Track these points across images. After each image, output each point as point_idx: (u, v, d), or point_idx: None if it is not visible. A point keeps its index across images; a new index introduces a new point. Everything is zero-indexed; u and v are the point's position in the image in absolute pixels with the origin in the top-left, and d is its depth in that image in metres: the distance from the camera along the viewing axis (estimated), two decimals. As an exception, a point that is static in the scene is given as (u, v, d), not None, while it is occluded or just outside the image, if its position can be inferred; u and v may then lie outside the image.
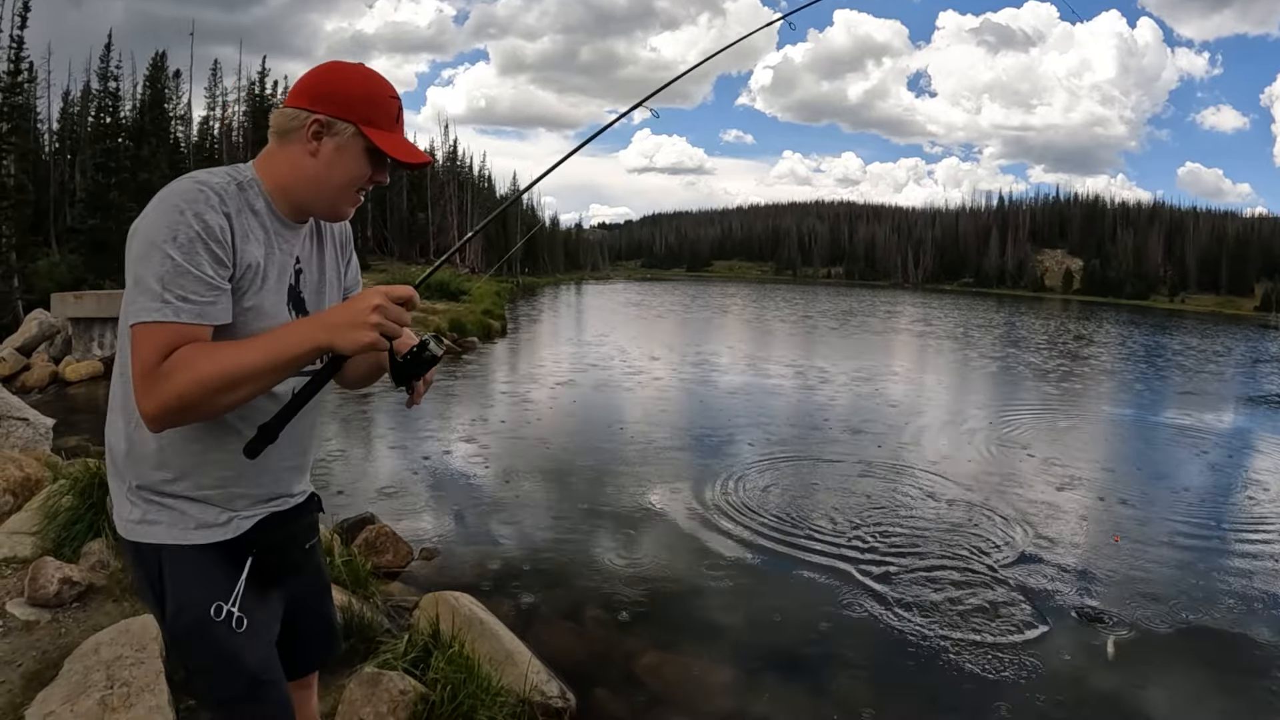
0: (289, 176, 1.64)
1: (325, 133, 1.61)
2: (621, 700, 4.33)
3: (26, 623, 3.65)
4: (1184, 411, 14.91)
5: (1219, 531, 7.52)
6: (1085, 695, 4.55)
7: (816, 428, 11.98)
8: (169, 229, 1.45)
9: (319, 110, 1.60)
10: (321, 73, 1.66)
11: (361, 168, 1.66)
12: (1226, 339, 39.43)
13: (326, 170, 1.63)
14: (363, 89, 1.63)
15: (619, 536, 6.93)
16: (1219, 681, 4.83)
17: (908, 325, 37.88)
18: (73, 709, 2.93)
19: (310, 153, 1.62)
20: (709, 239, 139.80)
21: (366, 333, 1.51)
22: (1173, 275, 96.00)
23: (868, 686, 4.67)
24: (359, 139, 1.62)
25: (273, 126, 1.66)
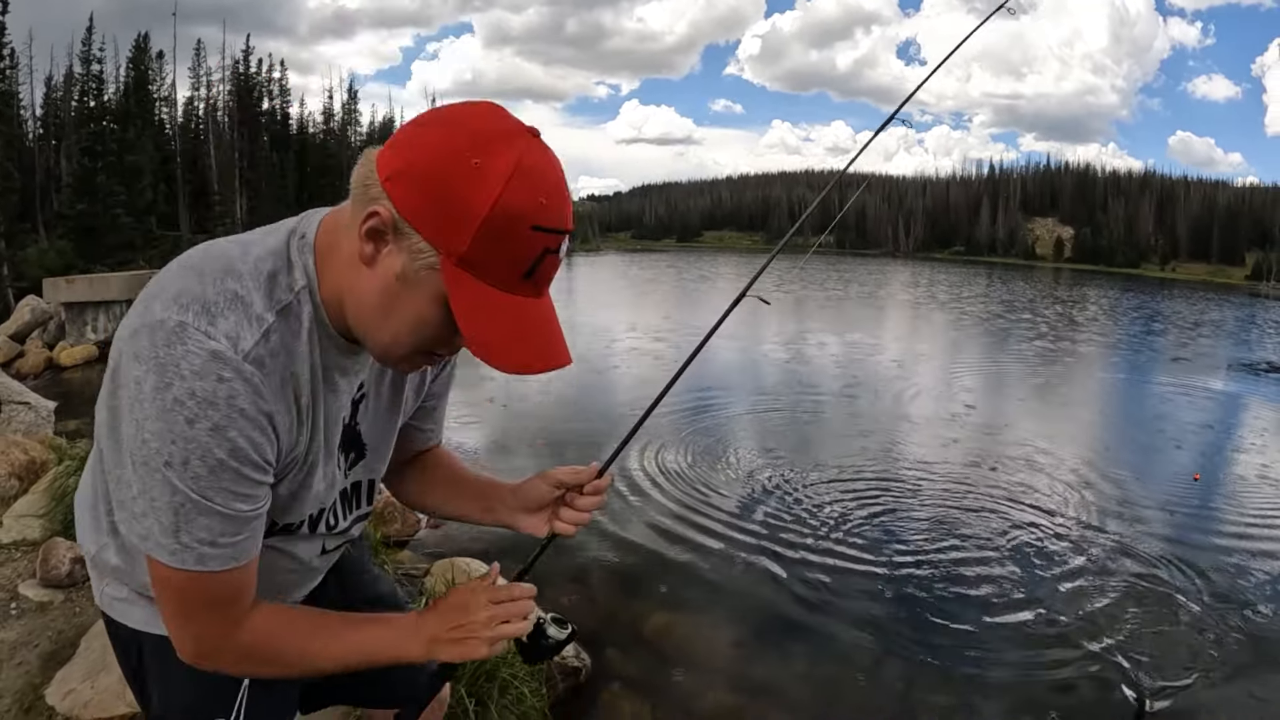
0: (338, 282, 1.06)
1: (390, 240, 0.98)
2: (633, 660, 4.43)
3: (40, 604, 3.67)
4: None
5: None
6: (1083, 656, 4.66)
7: (814, 389, 12.04)
8: (179, 449, 0.95)
9: (393, 196, 0.95)
10: (438, 150, 0.95)
11: (431, 320, 1.02)
12: (1229, 308, 39.73)
13: (380, 295, 1.01)
14: (487, 207, 0.92)
15: (621, 501, 7.01)
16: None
17: (904, 293, 37.99)
18: (93, 685, 2.96)
19: (365, 259, 1.00)
20: (699, 210, 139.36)
21: (478, 649, 1.20)
22: (1164, 244, 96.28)
23: (873, 641, 4.79)
24: (436, 277, 0.97)
25: (354, 181, 1.03)
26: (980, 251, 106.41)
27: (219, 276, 0.99)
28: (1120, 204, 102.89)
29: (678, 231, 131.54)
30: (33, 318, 14.66)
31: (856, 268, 58.91)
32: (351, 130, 55.36)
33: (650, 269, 49.88)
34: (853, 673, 4.47)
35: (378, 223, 0.96)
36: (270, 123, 46.31)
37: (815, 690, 4.31)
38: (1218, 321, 28.35)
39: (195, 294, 0.97)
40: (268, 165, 42.15)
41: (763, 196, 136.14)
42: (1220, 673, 4.50)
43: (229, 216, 38.55)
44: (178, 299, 0.97)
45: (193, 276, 0.99)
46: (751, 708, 4.09)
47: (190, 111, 43.23)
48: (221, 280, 0.99)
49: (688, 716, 3.99)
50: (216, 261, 1.01)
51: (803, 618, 5.07)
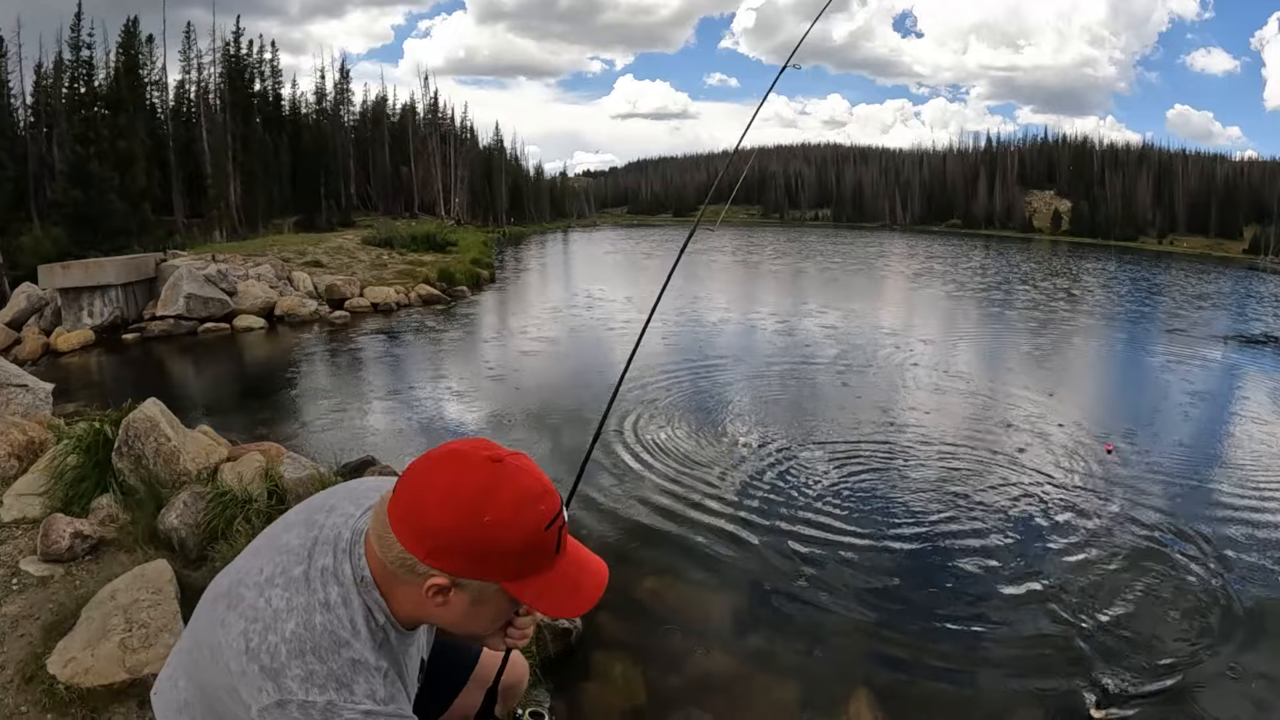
0: (415, 610, 1.30)
1: (453, 590, 1.24)
2: (625, 623, 4.53)
3: (41, 578, 3.71)
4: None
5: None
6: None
7: (809, 361, 12.07)
8: None
9: (441, 568, 1.22)
10: (453, 525, 1.19)
11: (507, 613, 1.35)
12: (1227, 281, 39.69)
13: (462, 620, 1.30)
14: (515, 544, 1.21)
15: (612, 471, 7.10)
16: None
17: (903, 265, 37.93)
18: (93, 653, 3.03)
19: (436, 604, 1.26)
20: (695, 184, 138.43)
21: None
22: (1161, 217, 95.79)
23: (864, 603, 4.89)
24: (505, 592, 1.26)
25: (374, 539, 1.28)
26: (978, 224, 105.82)
27: (334, 651, 1.22)
28: (1118, 177, 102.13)
29: (674, 206, 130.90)
30: (29, 304, 14.65)
31: (854, 241, 58.63)
32: (345, 110, 54.90)
33: (645, 243, 49.68)
34: (844, 634, 4.57)
35: (439, 588, 1.22)
36: (263, 104, 45.80)
37: (807, 652, 4.40)
38: (1216, 294, 28.31)
39: (322, 672, 1.20)
40: (261, 147, 41.71)
41: (758, 170, 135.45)
42: (1205, 639, 4.62)
43: (223, 199, 38.34)
44: (310, 680, 1.19)
45: (312, 657, 1.21)
46: (742, 669, 4.18)
47: (182, 95, 42.91)
48: (338, 653, 1.22)
49: (679, 678, 4.07)
50: (323, 640, 1.23)
51: (795, 582, 5.16)
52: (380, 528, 1.25)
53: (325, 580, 1.28)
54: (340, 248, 23.56)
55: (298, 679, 1.19)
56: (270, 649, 1.22)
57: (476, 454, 1.23)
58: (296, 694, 1.19)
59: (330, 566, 1.29)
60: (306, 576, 1.29)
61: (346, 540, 1.32)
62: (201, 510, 4.12)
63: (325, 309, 17.07)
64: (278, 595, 1.27)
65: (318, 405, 9.81)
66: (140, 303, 15.34)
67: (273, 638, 1.23)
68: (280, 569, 1.31)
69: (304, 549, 1.33)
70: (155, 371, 12.01)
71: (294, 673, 1.20)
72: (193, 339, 14.41)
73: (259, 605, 1.27)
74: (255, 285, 16.34)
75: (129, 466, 4.52)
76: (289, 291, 17.17)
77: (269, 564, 1.33)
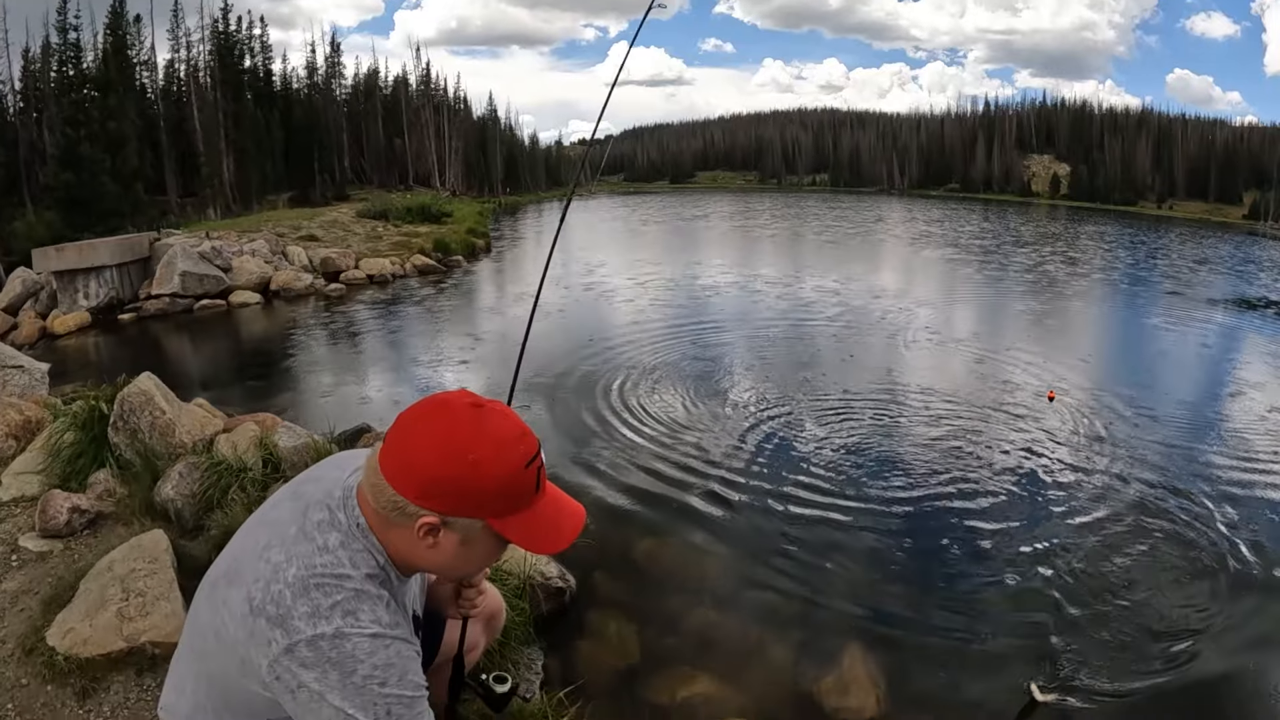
0: (409, 554, 1.38)
1: (443, 529, 1.32)
2: (621, 583, 4.57)
3: (40, 554, 3.73)
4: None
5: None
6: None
7: (805, 324, 12.04)
8: (382, 707, 1.28)
9: (431, 507, 1.30)
10: (441, 466, 1.28)
11: (497, 550, 1.42)
12: (1226, 246, 39.61)
13: (452, 561, 1.38)
14: (498, 481, 1.30)
15: (608, 435, 7.13)
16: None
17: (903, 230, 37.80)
18: (91, 624, 3.05)
19: (427, 546, 1.34)
20: (691, 151, 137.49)
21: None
22: (1161, 182, 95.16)
23: (858, 561, 4.95)
24: (490, 529, 1.34)
25: (367, 487, 1.36)
26: (976, 189, 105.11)
27: (333, 582, 1.29)
28: (1117, 141, 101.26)
29: (670, 173, 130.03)
30: (24, 289, 14.62)
31: (852, 206, 58.35)
32: (336, 84, 54.42)
33: (641, 210, 49.50)
34: (839, 592, 4.61)
35: (430, 527, 1.31)
36: (253, 81, 45.43)
37: (802, 609, 4.44)
38: (1216, 259, 28.20)
39: (327, 604, 1.27)
40: (253, 124, 41.41)
41: (755, 136, 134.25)
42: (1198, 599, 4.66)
43: (216, 177, 38.10)
44: (316, 614, 1.26)
45: (316, 593, 1.27)
46: (738, 627, 4.23)
47: (171, 75, 42.47)
48: (341, 585, 1.29)
49: (674, 636, 4.11)
50: (329, 576, 1.30)
51: (790, 541, 5.19)
52: (373, 476, 1.33)
53: (322, 530, 1.35)
54: (335, 221, 23.45)
55: (304, 616, 1.25)
56: (274, 597, 1.27)
57: (459, 401, 1.33)
58: (304, 631, 1.24)
59: (326, 519, 1.36)
60: (302, 531, 1.35)
61: (338, 496, 1.39)
62: (197, 481, 4.13)
63: (321, 282, 17.02)
64: (276, 553, 1.32)
65: (313, 376, 9.84)
66: (135, 283, 15.28)
67: (275, 587, 1.28)
68: (275, 535, 1.36)
69: (296, 514, 1.39)
70: (152, 350, 11.99)
71: (299, 611, 1.25)
72: (189, 317, 14.38)
73: (258, 568, 1.31)
74: (250, 261, 16.28)
75: (125, 441, 4.53)
76: (284, 266, 17.10)
77: (263, 536, 1.38)
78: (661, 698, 3.61)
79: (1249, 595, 4.54)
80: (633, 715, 3.49)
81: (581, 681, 3.47)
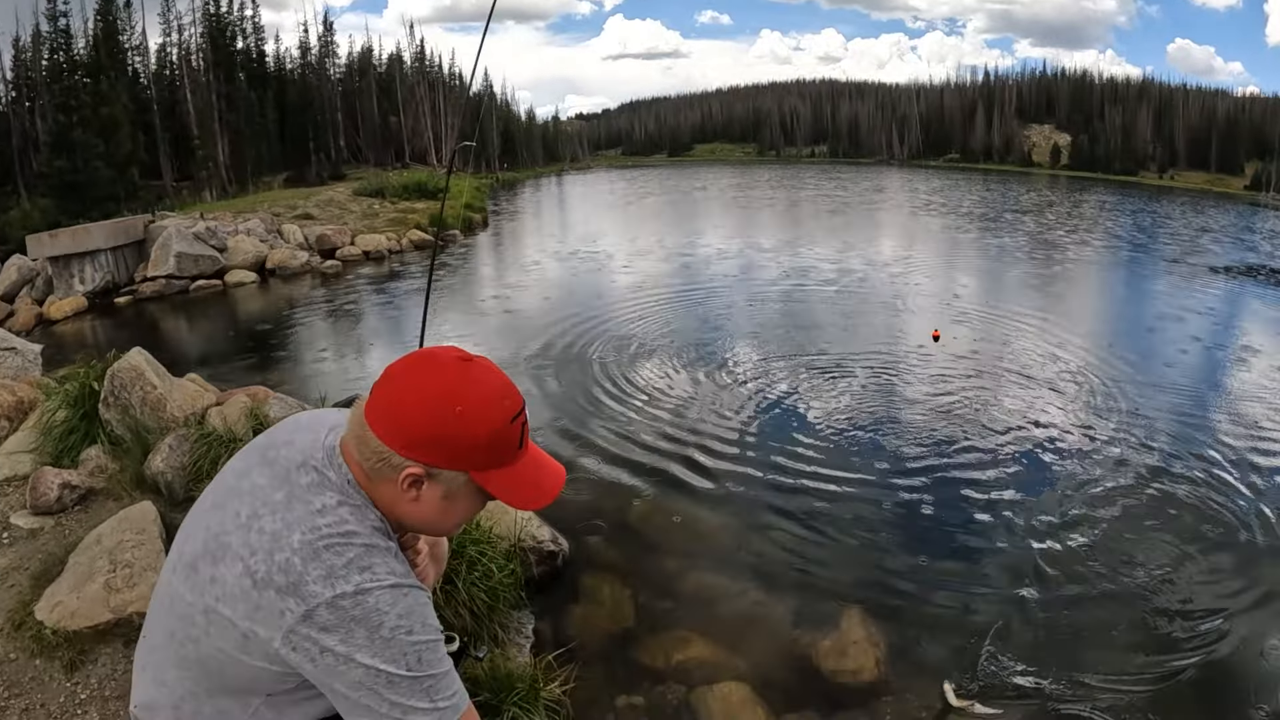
0: (393, 509, 1.36)
1: (426, 482, 1.31)
2: (615, 546, 4.55)
3: (31, 530, 3.72)
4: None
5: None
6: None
7: (803, 291, 11.94)
8: (412, 656, 1.26)
9: (416, 458, 1.29)
10: (427, 417, 1.28)
11: (478, 505, 1.41)
12: (1227, 216, 39.39)
13: (435, 515, 1.37)
14: (483, 434, 1.29)
15: (603, 401, 7.12)
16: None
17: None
18: (78, 596, 3.04)
19: (410, 499, 1.33)
20: (689, 124, 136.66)
21: None
22: (1162, 152, 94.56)
23: (857, 521, 4.95)
24: (473, 484, 1.34)
25: (351, 441, 1.34)
26: (976, 159, 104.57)
27: (342, 541, 1.27)
28: (1118, 111, 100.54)
29: (668, 146, 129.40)
30: (19, 276, 14.53)
31: (853, 176, 58.08)
32: (330, 63, 54.02)
33: (638, 183, 49.29)
34: (837, 555, 4.59)
35: (414, 479, 1.29)
36: (246, 62, 45.17)
37: (799, 572, 4.42)
38: (1218, 229, 27.98)
39: (341, 563, 1.24)
40: (246, 105, 41.21)
41: (753, 108, 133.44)
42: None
43: (211, 160, 37.93)
44: (332, 574, 1.23)
45: (327, 555, 1.25)
46: (734, 590, 4.20)
47: (163, 59, 42.21)
48: (350, 543, 1.27)
49: (670, 599, 4.09)
50: (336, 535, 1.27)
51: (787, 504, 5.18)
52: (358, 428, 1.32)
53: (313, 491, 1.32)
54: (331, 200, 23.32)
55: (319, 579, 1.23)
56: (281, 566, 1.24)
57: (447, 355, 1.32)
58: (323, 594, 1.22)
59: (316, 479, 1.33)
60: (292, 495, 1.31)
61: (321, 457, 1.36)
62: (186, 453, 4.11)
63: (317, 259, 16.95)
64: (268, 522, 1.28)
65: (308, 351, 9.83)
66: (131, 265, 15.21)
67: (280, 555, 1.24)
68: (260, 503, 1.31)
69: (278, 479, 1.34)
70: (149, 331, 11.94)
71: (314, 575, 1.23)
72: (185, 297, 14.31)
73: (251, 540, 1.27)
74: (245, 240, 16.19)
75: (116, 417, 4.51)
76: (279, 244, 17.01)
77: (244, 507, 1.33)
78: (656, 661, 3.59)
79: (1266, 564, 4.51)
80: (626, 679, 3.46)
81: (573, 644, 3.46)
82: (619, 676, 3.46)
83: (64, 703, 2.70)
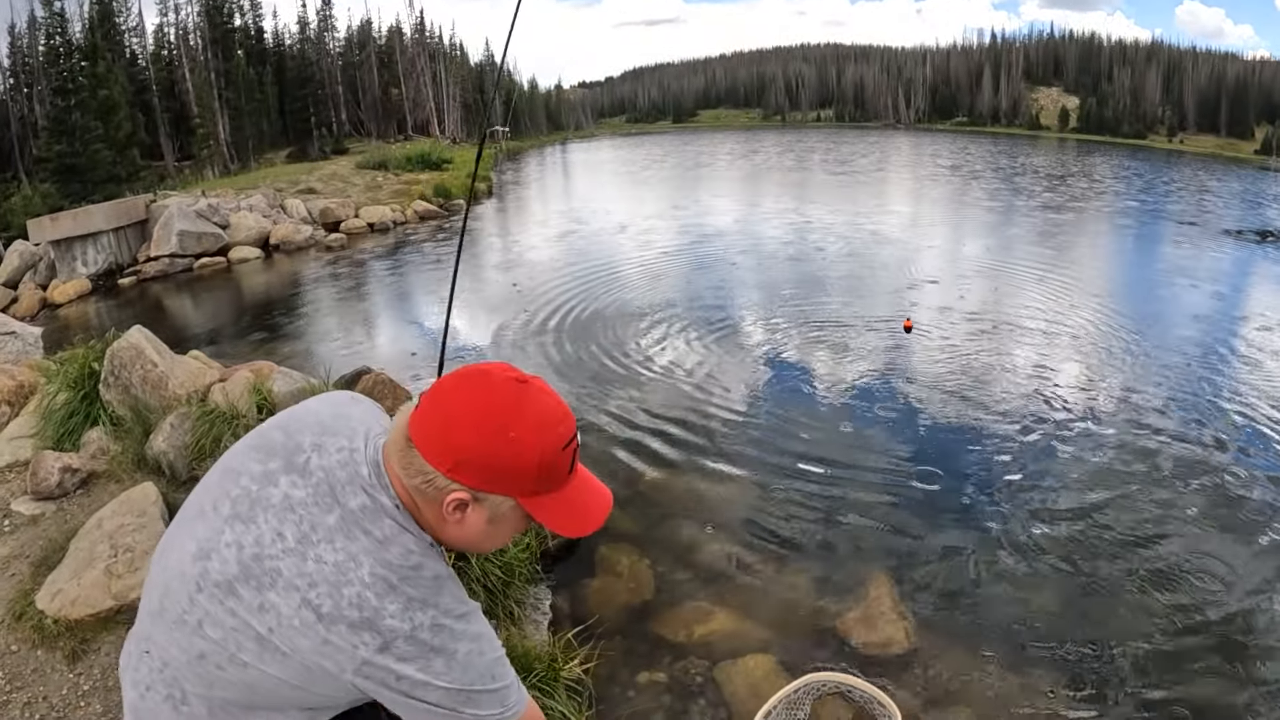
0: (435, 529, 1.32)
1: (472, 505, 1.26)
2: (632, 516, 4.47)
3: (32, 516, 3.63)
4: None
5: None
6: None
7: (815, 256, 11.79)
8: (489, 673, 1.29)
9: (462, 481, 1.23)
10: (478, 440, 1.22)
11: (522, 528, 1.36)
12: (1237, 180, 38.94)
13: (477, 537, 1.33)
14: (535, 461, 1.24)
15: (614, 371, 7.02)
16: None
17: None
18: (79, 583, 2.95)
19: (454, 522, 1.28)
20: (693, 89, 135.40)
21: None
22: (1171, 116, 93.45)
23: (883, 492, 4.82)
24: (520, 509, 1.29)
25: (395, 458, 1.29)
26: (983, 122, 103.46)
27: (414, 574, 1.25)
28: (1126, 74, 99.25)
29: (672, 113, 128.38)
30: (22, 261, 14.43)
31: (858, 141, 57.54)
32: (329, 37, 53.57)
33: (642, 149, 48.97)
34: (860, 522, 4.48)
35: (459, 502, 1.24)
36: (244, 39, 44.93)
37: (821, 539, 4.32)
38: (1229, 193, 27.60)
39: (417, 596, 1.23)
40: (246, 82, 40.98)
41: (757, 72, 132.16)
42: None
43: (211, 138, 37.74)
44: (410, 607, 1.22)
45: (403, 587, 1.23)
46: (754, 559, 4.10)
47: (161, 39, 41.93)
48: (420, 574, 1.25)
49: (689, 570, 3.98)
50: (407, 569, 1.25)
51: (806, 470, 5.07)
52: (403, 445, 1.26)
53: (371, 518, 1.27)
54: (334, 174, 23.17)
55: (397, 614, 1.21)
56: (353, 601, 1.21)
57: (502, 374, 1.27)
58: (401, 628, 1.21)
59: (369, 504, 1.27)
60: (346, 521, 1.26)
61: (367, 475, 1.30)
62: (189, 431, 4.01)
63: (321, 233, 16.84)
64: (327, 551, 1.24)
65: (314, 325, 9.75)
66: (133, 246, 15.11)
67: (350, 590, 1.21)
68: (309, 525, 1.26)
69: (322, 497, 1.28)
70: (153, 310, 11.86)
71: (391, 609, 1.21)
72: (189, 275, 14.22)
73: (308, 570, 1.22)
74: (248, 216, 16.06)
75: (117, 397, 4.42)
76: (283, 220, 16.88)
77: (287, 527, 1.26)
78: (677, 635, 3.49)
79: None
80: (646, 654, 3.36)
81: (592, 620, 3.37)
82: (639, 652, 3.35)
83: (66, 694, 2.61)
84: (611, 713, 2.85)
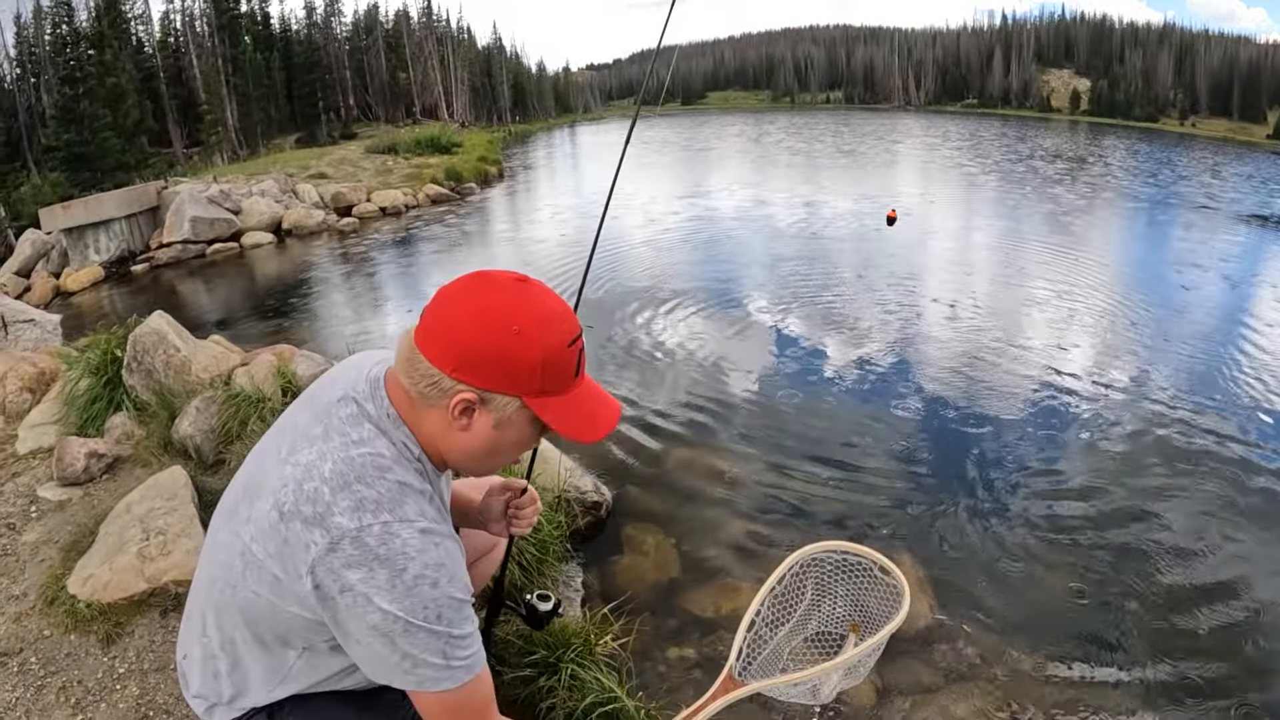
0: (439, 441, 1.30)
1: (478, 408, 1.24)
2: (657, 495, 4.47)
3: (60, 502, 3.64)
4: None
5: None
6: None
7: (830, 238, 11.78)
8: (432, 609, 1.18)
9: (468, 382, 1.21)
10: (483, 336, 1.20)
11: (529, 437, 1.32)
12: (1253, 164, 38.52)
13: (484, 446, 1.29)
14: (540, 355, 1.21)
15: (634, 349, 7.04)
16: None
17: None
18: (111, 567, 2.95)
19: (460, 428, 1.26)
20: (701, 71, 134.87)
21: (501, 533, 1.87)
22: (1183, 99, 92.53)
23: (907, 467, 4.85)
24: (526, 411, 1.26)
25: (399, 367, 1.27)
26: (994, 104, 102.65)
27: (375, 475, 1.21)
28: (1138, 56, 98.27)
29: (681, 94, 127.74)
30: (34, 250, 14.53)
31: (869, 122, 57.25)
32: (336, 21, 53.43)
33: (652, 130, 48.81)
34: (883, 498, 4.50)
35: (466, 404, 1.22)
36: (250, 25, 44.86)
37: (844, 515, 4.33)
38: (1243, 176, 27.34)
39: (370, 497, 1.19)
40: (253, 68, 40.96)
41: (766, 54, 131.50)
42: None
43: (220, 124, 37.73)
44: (361, 507, 1.17)
45: (358, 486, 1.19)
46: (779, 535, 4.11)
47: (167, 26, 41.91)
48: (383, 477, 1.22)
49: (715, 547, 4.00)
50: (366, 468, 1.22)
51: (825, 447, 5.09)
52: (407, 352, 1.25)
53: (352, 423, 1.27)
54: (344, 159, 23.17)
55: (346, 510, 1.17)
56: (309, 496, 1.19)
57: (503, 276, 1.26)
58: (348, 526, 1.16)
59: (355, 412, 1.28)
60: (328, 428, 1.26)
61: (363, 389, 1.31)
62: (215, 415, 4.02)
63: (333, 218, 16.84)
64: (304, 454, 1.24)
65: (331, 309, 9.77)
66: (145, 233, 15.16)
67: (309, 485, 1.19)
68: (300, 436, 1.28)
69: (318, 414, 1.30)
70: (167, 296, 11.89)
71: (341, 506, 1.17)
72: (202, 261, 14.25)
73: (284, 473, 1.23)
74: (260, 201, 16.08)
75: (140, 382, 4.42)
76: (294, 204, 16.90)
77: (284, 444, 1.29)
78: (705, 611, 3.50)
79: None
80: (676, 630, 3.37)
81: (623, 597, 3.38)
82: (668, 628, 3.37)
83: (102, 678, 2.61)
84: (644, 687, 2.85)
